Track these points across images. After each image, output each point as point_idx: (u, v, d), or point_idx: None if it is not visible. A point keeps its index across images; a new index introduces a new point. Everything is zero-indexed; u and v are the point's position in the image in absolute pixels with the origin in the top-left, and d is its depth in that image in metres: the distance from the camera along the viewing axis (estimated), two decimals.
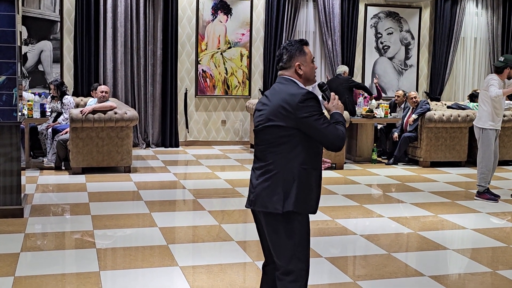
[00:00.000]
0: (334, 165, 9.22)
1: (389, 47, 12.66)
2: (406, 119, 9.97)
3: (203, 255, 5.11)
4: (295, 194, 3.02)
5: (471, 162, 9.79)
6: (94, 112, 8.22)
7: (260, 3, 11.75)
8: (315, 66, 3.25)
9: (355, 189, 7.94)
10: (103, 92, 8.60)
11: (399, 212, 6.77)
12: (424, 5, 12.77)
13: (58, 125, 8.93)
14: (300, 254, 3.09)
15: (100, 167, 8.48)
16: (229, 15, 11.58)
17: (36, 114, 8.70)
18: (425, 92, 12.93)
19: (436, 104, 11.72)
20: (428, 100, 12.06)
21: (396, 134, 9.97)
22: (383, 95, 11.99)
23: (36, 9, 10.59)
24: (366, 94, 10.84)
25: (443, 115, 9.68)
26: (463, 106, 10.55)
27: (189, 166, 9.69)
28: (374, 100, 10.95)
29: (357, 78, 12.33)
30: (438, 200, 7.36)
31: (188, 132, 11.63)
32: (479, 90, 11.00)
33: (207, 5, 11.47)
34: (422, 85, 12.97)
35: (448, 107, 10.82)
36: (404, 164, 9.95)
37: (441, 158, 9.83)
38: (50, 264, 4.74)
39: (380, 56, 12.63)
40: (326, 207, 6.71)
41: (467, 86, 13.18)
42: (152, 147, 11.14)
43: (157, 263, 4.80)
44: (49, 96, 9.38)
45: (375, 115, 10.12)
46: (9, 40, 5.90)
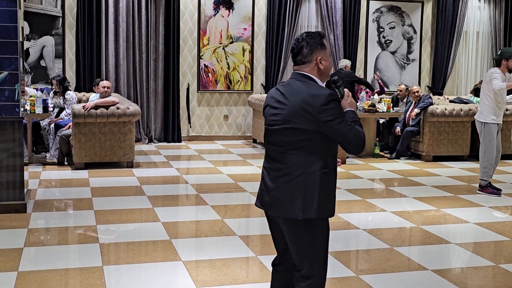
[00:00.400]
0: (339, 163, 9.23)
1: (391, 41, 12.64)
2: (408, 113, 9.96)
3: (206, 250, 5.11)
4: (317, 200, 2.89)
5: (473, 156, 9.78)
6: (96, 107, 8.22)
7: None
8: (331, 60, 3.12)
9: (358, 183, 7.94)
10: (105, 87, 8.60)
11: (402, 206, 6.77)
12: None
13: (61, 120, 8.93)
14: (321, 258, 2.99)
15: (102, 162, 8.49)
16: (231, 10, 11.57)
17: (39, 110, 8.73)
18: (427, 86, 12.91)
19: (438, 98, 11.70)
20: (431, 94, 12.05)
21: (398, 129, 9.96)
22: (385, 90, 11.97)
23: (38, 4, 10.58)
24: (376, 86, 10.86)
25: (446, 109, 9.67)
26: (465, 100, 10.53)
27: (191, 161, 9.70)
28: (376, 95, 10.94)
29: (359, 72, 12.32)
30: (441, 194, 7.36)
31: (190, 127, 11.64)
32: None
33: None
34: (424, 79, 12.95)
35: (451, 101, 10.81)
36: (406, 159, 9.94)
37: (443, 152, 9.82)
38: (53, 259, 4.75)
39: (382, 51, 12.61)
40: None
41: (470, 80, 13.15)
42: (154, 142, 11.15)
43: (160, 258, 4.81)
44: (51, 92, 9.39)
45: (378, 109, 10.11)
46: (10, 35, 5.90)
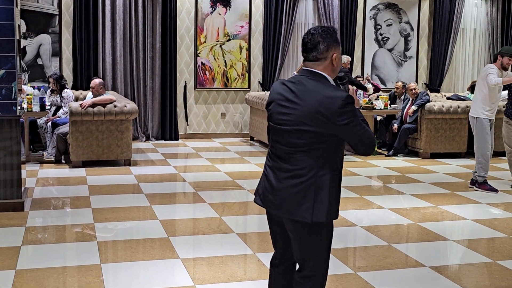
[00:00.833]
0: None
1: (388, 38, 12.64)
2: (405, 110, 9.97)
3: (204, 247, 5.11)
4: (327, 203, 2.81)
5: (471, 153, 9.76)
6: (93, 105, 8.21)
7: None
8: None
9: (355, 180, 7.95)
10: (91, 88, 8.60)
11: (399, 204, 6.78)
12: None
13: (58, 118, 8.92)
14: (325, 260, 2.95)
15: (100, 161, 8.48)
16: (228, 8, 11.56)
17: (36, 108, 8.71)
18: (424, 83, 12.92)
19: (435, 96, 11.71)
20: (428, 91, 12.06)
21: (395, 126, 9.97)
22: (382, 87, 11.98)
23: (35, 2, 10.56)
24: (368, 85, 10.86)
25: (443, 107, 9.68)
26: (462, 97, 10.54)
27: (189, 159, 9.69)
28: (371, 92, 10.93)
29: (356, 69, 12.33)
30: (438, 191, 7.37)
31: (187, 125, 11.63)
32: None
33: None
34: (421, 76, 12.96)
35: (448, 98, 10.82)
36: (404, 156, 9.95)
37: (441, 149, 9.84)
38: (51, 257, 4.75)
39: (380, 48, 12.61)
40: None
41: (467, 77, 13.17)
42: (151, 140, 11.14)
43: (158, 256, 4.82)
44: (48, 90, 9.37)
45: (375, 106, 10.12)
46: (7, 33, 5.88)
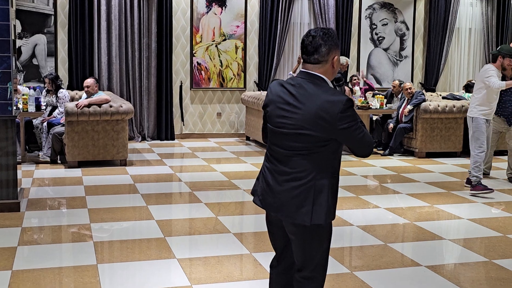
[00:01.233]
0: None
1: (384, 38, 12.65)
2: (401, 110, 9.99)
3: (200, 247, 5.11)
4: (326, 206, 2.83)
5: (466, 152, 9.79)
6: (89, 105, 8.20)
7: None
8: None
9: (351, 180, 7.95)
10: (85, 87, 8.58)
11: (395, 203, 6.79)
12: None
13: (53, 119, 8.91)
14: (324, 261, 2.99)
15: (96, 161, 8.47)
16: (223, 7, 11.55)
17: (31, 108, 8.69)
18: (420, 83, 12.94)
19: (431, 95, 11.74)
20: (423, 91, 12.08)
21: (391, 125, 9.99)
22: (377, 86, 12.01)
23: (30, 2, 10.54)
24: (361, 85, 10.88)
25: (439, 106, 9.70)
26: (458, 97, 10.57)
27: (185, 159, 9.69)
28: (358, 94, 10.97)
29: (352, 69, 12.33)
30: (434, 191, 7.39)
31: (183, 125, 11.62)
32: (474, 81, 11.03)
33: None
34: (417, 76, 12.98)
35: (443, 97, 10.84)
36: (399, 155, 9.97)
37: (436, 148, 9.86)
38: (47, 258, 4.74)
39: (375, 47, 12.63)
40: None
41: (462, 77, 13.20)
42: (147, 140, 11.13)
43: (154, 256, 4.81)
44: (44, 90, 9.36)
45: (370, 106, 10.14)
46: (2, 34, 5.87)
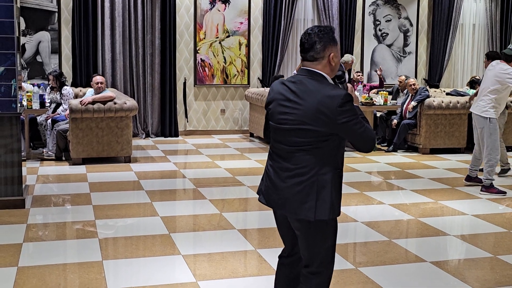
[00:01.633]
0: None
1: (387, 34, 12.64)
2: (405, 106, 9.98)
3: (205, 243, 5.12)
4: (330, 201, 2.86)
5: (470, 148, 9.79)
6: (93, 102, 8.22)
7: None
8: None
9: (355, 176, 7.95)
10: (98, 83, 8.58)
11: (399, 199, 6.79)
12: None
13: (58, 115, 8.92)
14: (330, 256, 3.01)
15: (100, 158, 8.49)
16: (227, 4, 11.54)
17: (36, 105, 8.71)
18: (424, 79, 12.92)
19: (435, 91, 11.72)
20: (427, 87, 12.06)
21: (395, 121, 9.98)
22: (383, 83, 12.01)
23: None
24: (364, 82, 10.89)
25: (442, 102, 9.68)
26: (462, 93, 10.55)
27: (189, 155, 9.70)
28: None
29: (356, 66, 12.31)
30: (438, 187, 7.38)
31: (187, 121, 11.63)
32: (478, 77, 11.01)
33: None
34: (421, 72, 12.96)
35: (447, 93, 10.82)
36: (403, 151, 9.96)
37: (440, 144, 9.84)
38: (52, 254, 4.76)
39: (379, 44, 12.61)
40: None
41: (466, 73, 13.17)
42: (151, 137, 11.15)
43: (159, 252, 4.83)
44: (48, 87, 9.37)
45: (374, 102, 10.13)
46: (7, 31, 5.88)
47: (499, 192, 7.02)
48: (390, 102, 10.44)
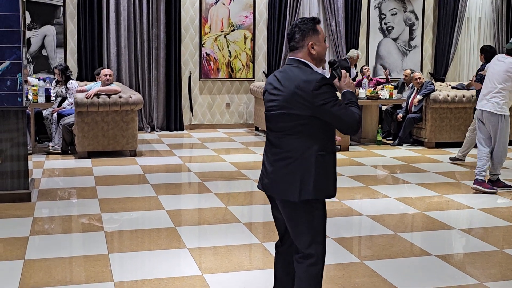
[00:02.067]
0: (339, 146, 9.21)
1: (393, 28, 12.59)
2: (411, 100, 9.95)
3: (210, 237, 5.14)
4: (312, 182, 2.97)
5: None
6: (98, 96, 8.23)
7: None
8: (327, 45, 3.13)
9: (360, 170, 7.95)
10: (107, 75, 8.59)
11: (405, 193, 6.79)
12: None
13: (63, 109, 8.94)
14: (319, 238, 3.08)
15: (105, 151, 8.51)
16: None
17: (41, 99, 8.73)
18: (429, 72, 12.88)
19: (440, 85, 11.68)
20: (433, 80, 12.03)
21: (400, 115, 9.95)
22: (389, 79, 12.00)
23: None
24: (370, 76, 10.89)
25: (448, 96, 9.66)
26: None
27: (194, 149, 9.71)
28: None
29: (361, 60, 12.28)
30: (444, 181, 7.37)
31: (192, 115, 11.64)
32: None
33: None
34: (426, 65, 12.92)
35: (453, 87, 10.79)
36: (409, 145, 9.94)
37: (446, 138, 9.82)
38: (59, 248, 4.78)
39: (384, 37, 12.57)
40: None
41: (472, 67, 13.12)
42: (157, 131, 11.16)
43: (164, 245, 4.84)
44: (53, 81, 9.39)
45: (380, 96, 10.10)
46: (12, 25, 5.89)
47: (505, 186, 6.91)
48: (396, 96, 10.41)
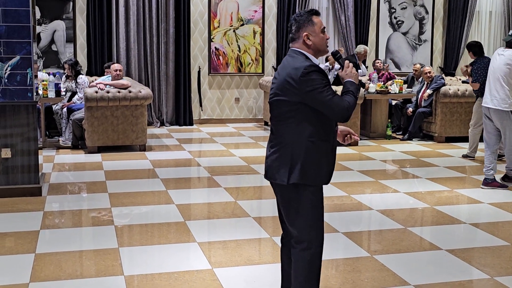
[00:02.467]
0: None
1: (403, 22, 12.53)
2: (420, 94, 9.91)
3: (220, 231, 5.14)
4: (300, 167, 3.07)
5: None
6: (108, 91, 8.26)
7: None
8: (327, 36, 3.17)
9: (370, 164, 7.93)
10: (117, 70, 8.62)
11: (415, 187, 6.77)
12: None
13: (73, 104, 8.97)
14: (312, 223, 3.14)
15: (115, 146, 8.53)
16: None
17: (51, 94, 8.75)
18: (439, 67, 12.82)
19: (450, 79, 11.62)
20: (443, 75, 11.97)
21: (410, 109, 9.91)
22: (395, 71, 11.95)
23: None
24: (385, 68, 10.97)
25: (458, 90, 9.60)
26: None
27: (203, 144, 9.72)
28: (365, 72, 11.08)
29: (370, 54, 12.24)
30: (454, 175, 7.34)
31: (202, 110, 11.64)
32: None
33: None
34: (436, 60, 12.86)
35: (463, 82, 10.73)
36: (419, 140, 9.90)
37: (456, 133, 9.77)
38: (69, 241, 4.80)
39: (394, 32, 12.51)
40: (341, 183, 6.72)
41: None
42: (166, 126, 11.18)
43: (174, 240, 4.85)
44: (63, 76, 9.42)
45: (390, 90, 10.07)
46: (22, 20, 5.91)
47: (502, 185, 6.69)
48: (406, 90, 10.37)
